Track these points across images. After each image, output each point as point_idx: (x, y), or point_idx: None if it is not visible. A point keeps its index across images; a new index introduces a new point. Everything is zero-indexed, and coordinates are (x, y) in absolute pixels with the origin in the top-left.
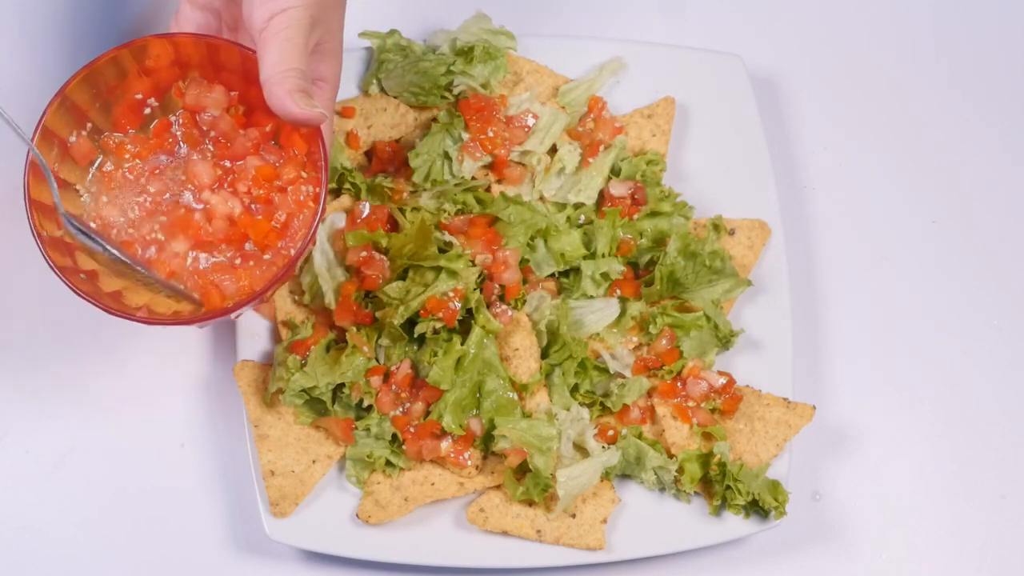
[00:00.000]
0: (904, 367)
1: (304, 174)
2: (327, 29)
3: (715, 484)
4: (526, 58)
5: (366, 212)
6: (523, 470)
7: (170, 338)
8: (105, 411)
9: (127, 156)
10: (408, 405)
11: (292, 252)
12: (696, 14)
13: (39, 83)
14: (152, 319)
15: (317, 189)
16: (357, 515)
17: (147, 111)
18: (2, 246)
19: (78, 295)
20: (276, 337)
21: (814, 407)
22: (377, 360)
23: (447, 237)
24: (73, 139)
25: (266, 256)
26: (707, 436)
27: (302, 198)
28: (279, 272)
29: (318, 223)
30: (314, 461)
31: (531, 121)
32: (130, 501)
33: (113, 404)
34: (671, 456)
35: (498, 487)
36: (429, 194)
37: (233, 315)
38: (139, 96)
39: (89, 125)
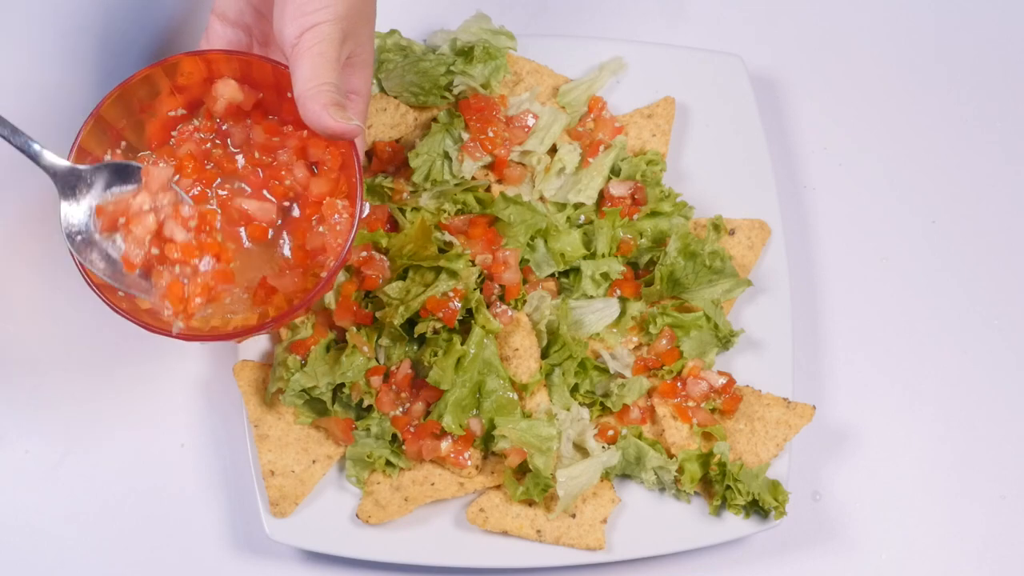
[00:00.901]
0: (904, 367)
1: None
2: (358, 42)
3: (715, 484)
4: (526, 58)
5: (366, 212)
6: (523, 470)
7: (170, 339)
8: (105, 411)
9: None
10: (408, 405)
11: (331, 263)
12: (696, 14)
13: (70, 101)
14: (191, 335)
15: (349, 203)
16: (357, 515)
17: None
18: (4, 249)
19: (117, 312)
20: (276, 337)
21: (814, 407)
22: (377, 360)
23: (447, 237)
24: (108, 158)
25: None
26: (707, 436)
27: (336, 217)
28: (320, 283)
29: (354, 236)
30: (314, 461)
31: (531, 121)
32: (130, 501)
33: (113, 404)
34: (671, 456)
35: (498, 487)
36: (429, 194)
37: (269, 329)
38: (171, 113)
39: (123, 143)
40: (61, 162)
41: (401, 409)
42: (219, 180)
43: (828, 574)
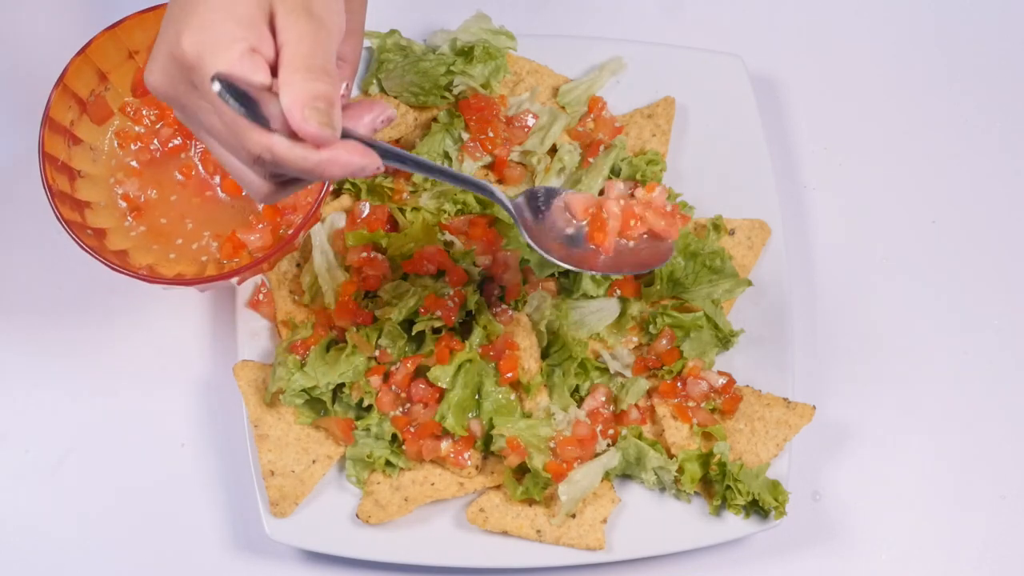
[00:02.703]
0: (904, 367)
1: None
2: (348, 8)
3: (715, 484)
4: (526, 58)
5: (366, 212)
6: (523, 470)
7: (171, 338)
8: (105, 411)
9: (144, 121)
10: (408, 405)
11: (298, 221)
12: (696, 14)
13: (62, 42)
14: (154, 278)
15: None
16: (357, 515)
17: None
18: (4, 249)
19: (83, 249)
20: (276, 337)
21: (814, 407)
22: (377, 360)
23: (447, 237)
24: (91, 98)
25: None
26: (707, 436)
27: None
28: (285, 239)
29: (324, 194)
30: (314, 461)
31: (531, 121)
32: (130, 501)
33: (113, 404)
34: (671, 456)
35: (498, 487)
36: (429, 194)
37: (236, 280)
38: None
39: (108, 86)
40: None
41: (401, 409)
42: None
43: (828, 574)
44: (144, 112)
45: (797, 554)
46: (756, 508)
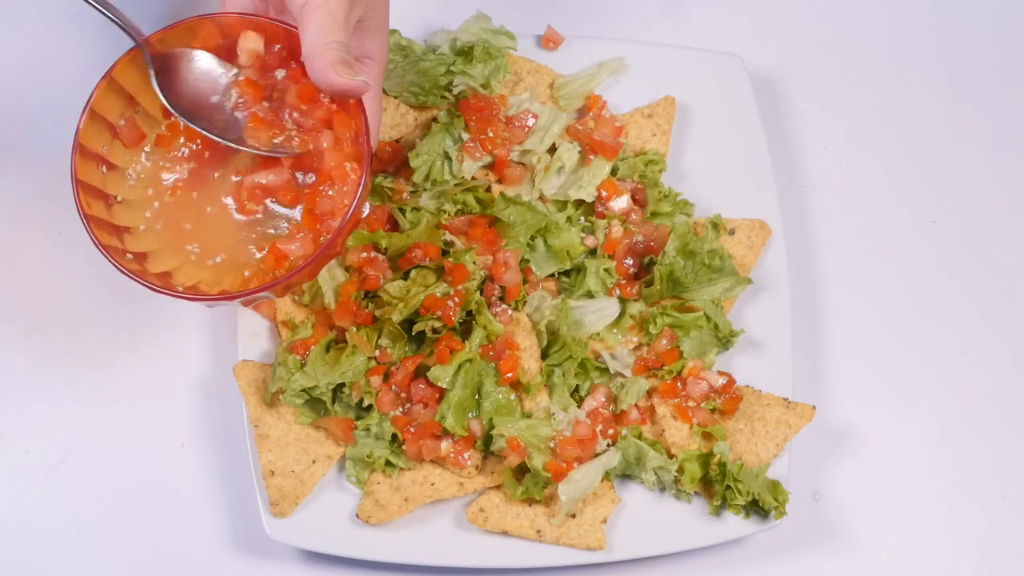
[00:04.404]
0: (904, 367)
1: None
2: (370, 6)
3: (715, 484)
4: (526, 58)
5: (366, 212)
6: (523, 470)
7: (171, 338)
8: (105, 411)
9: (178, 139)
10: (408, 405)
11: (336, 224)
12: (696, 14)
13: (87, 65)
14: (197, 296)
15: (356, 166)
16: (357, 515)
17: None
18: (4, 252)
19: (123, 273)
20: (276, 337)
21: (814, 407)
22: (377, 361)
23: (448, 237)
24: (122, 122)
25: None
26: (707, 436)
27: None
28: (326, 244)
29: (360, 196)
30: (314, 461)
31: (531, 121)
32: (130, 501)
33: (113, 404)
34: (671, 456)
35: (498, 487)
36: (429, 194)
37: (276, 287)
38: None
39: (139, 108)
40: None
41: (401, 409)
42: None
43: (828, 574)
44: (179, 131)
45: (797, 554)
46: (756, 508)
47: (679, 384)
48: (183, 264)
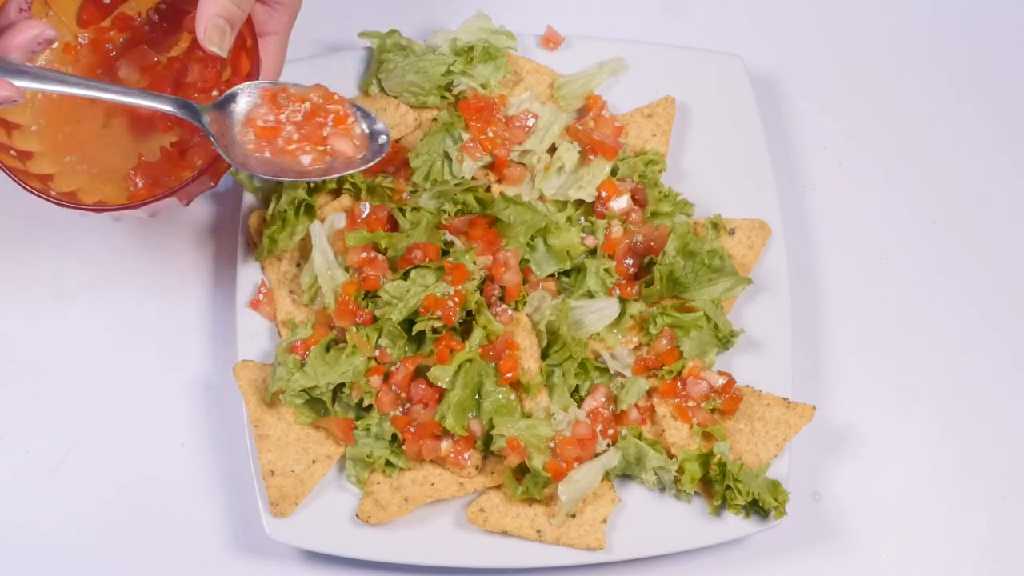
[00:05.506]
0: (904, 367)
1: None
2: None
3: (715, 484)
4: (526, 58)
5: (366, 212)
6: (523, 470)
7: (171, 338)
8: (105, 411)
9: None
10: (408, 405)
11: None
12: (696, 14)
13: None
14: (68, 203)
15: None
16: (357, 515)
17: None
18: (3, 247)
19: (3, 170)
20: (276, 337)
21: (814, 407)
22: (377, 361)
23: (448, 237)
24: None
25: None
26: (707, 436)
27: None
28: (203, 166)
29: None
30: (314, 461)
31: (531, 121)
32: (130, 501)
33: (113, 404)
34: (671, 456)
35: (498, 487)
36: (429, 194)
37: (145, 211)
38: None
39: (50, 12)
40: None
41: (401, 409)
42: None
43: (828, 574)
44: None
45: (797, 554)
46: (756, 508)
47: (679, 384)
48: (63, 171)
